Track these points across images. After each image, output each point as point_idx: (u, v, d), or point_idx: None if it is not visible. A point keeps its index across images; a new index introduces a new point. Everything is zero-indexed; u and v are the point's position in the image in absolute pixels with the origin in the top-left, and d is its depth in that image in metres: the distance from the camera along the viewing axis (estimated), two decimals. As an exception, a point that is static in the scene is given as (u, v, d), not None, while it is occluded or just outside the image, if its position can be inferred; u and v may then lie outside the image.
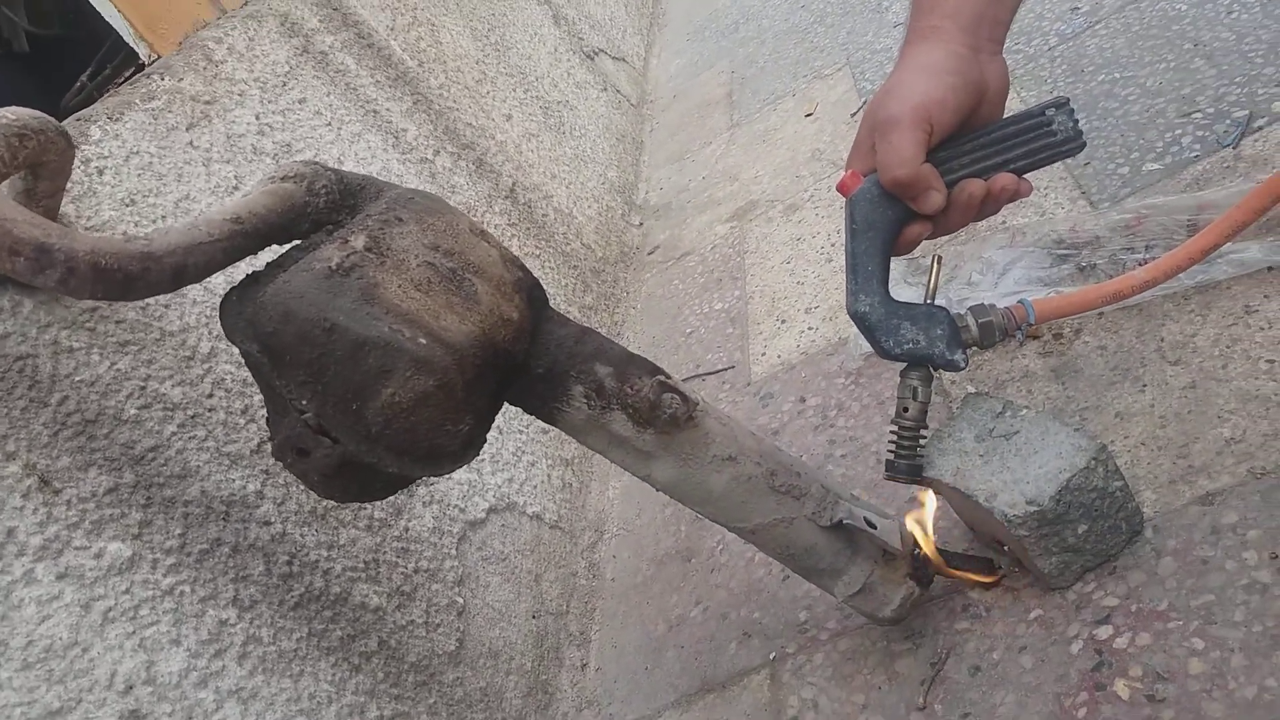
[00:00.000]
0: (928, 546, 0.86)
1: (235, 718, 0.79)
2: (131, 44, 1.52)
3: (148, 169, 0.97)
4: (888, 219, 0.79)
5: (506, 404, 0.82)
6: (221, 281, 0.93)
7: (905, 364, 0.84)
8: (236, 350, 0.92)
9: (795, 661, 0.98)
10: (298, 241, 0.75)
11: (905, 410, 0.85)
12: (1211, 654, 0.72)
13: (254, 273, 0.71)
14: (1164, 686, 0.73)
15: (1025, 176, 0.80)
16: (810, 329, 1.39)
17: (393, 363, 0.66)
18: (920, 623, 0.90)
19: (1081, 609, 0.81)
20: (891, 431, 0.87)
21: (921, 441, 0.86)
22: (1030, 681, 0.80)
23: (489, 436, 0.80)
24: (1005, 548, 0.87)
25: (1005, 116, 0.80)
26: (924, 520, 0.88)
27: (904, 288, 1.28)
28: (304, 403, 0.66)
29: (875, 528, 0.82)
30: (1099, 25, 1.52)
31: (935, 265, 0.86)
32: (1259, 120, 1.16)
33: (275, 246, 0.76)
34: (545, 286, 0.86)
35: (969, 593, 0.89)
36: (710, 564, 1.16)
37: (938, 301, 0.85)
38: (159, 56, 1.50)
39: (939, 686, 0.85)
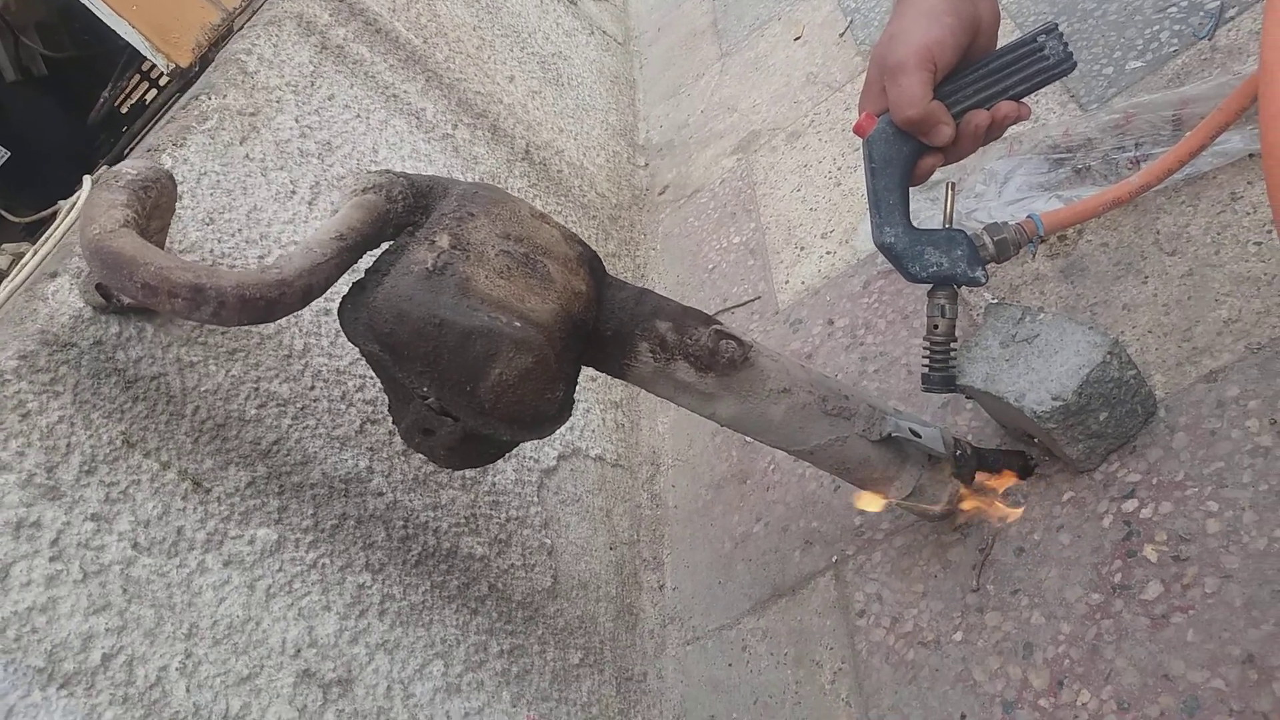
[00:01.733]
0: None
1: (385, 666, 0.90)
2: (149, 56, 1.58)
3: (217, 187, 1.06)
4: (903, 154, 0.88)
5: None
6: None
7: (932, 285, 0.93)
8: (326, 344, 1.02)
9: (856, 561, 1.09)
10: (386, 244, 0.84)
11: (935, 327, 0.94)
12: (1225, 514, 0.83)
13: (359, 280, 0.80)
14: (1186, 547, 0.84)
15: (1023, 100, 0.88)
16: (829, 253, 1.49)
17: (496, 346, 0.76)
18: (967, 515, 1.01)
19: (1109, 487, 0.92)
20: (924, 347, 0.96)
21: (952, 353, 0.96)
22: (1069, 555, 0.91)
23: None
24: (1036, 440, 0.98)
25: (1000, 46, 0.88)
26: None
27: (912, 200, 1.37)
28: (425, 389, 0.76)
29: (920, 436, 0.92)
30: (1072, -73, 1.58)
31: (949, 192, 0.94)
32: (1230, 10, 1.23)
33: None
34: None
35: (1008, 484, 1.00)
36: (765, 483, 1.28)
37: (952, 220, 0.94)
38: (176, 66, 1.57)
39: (989, 569, 0.97)
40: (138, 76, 1.94)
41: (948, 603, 0.97)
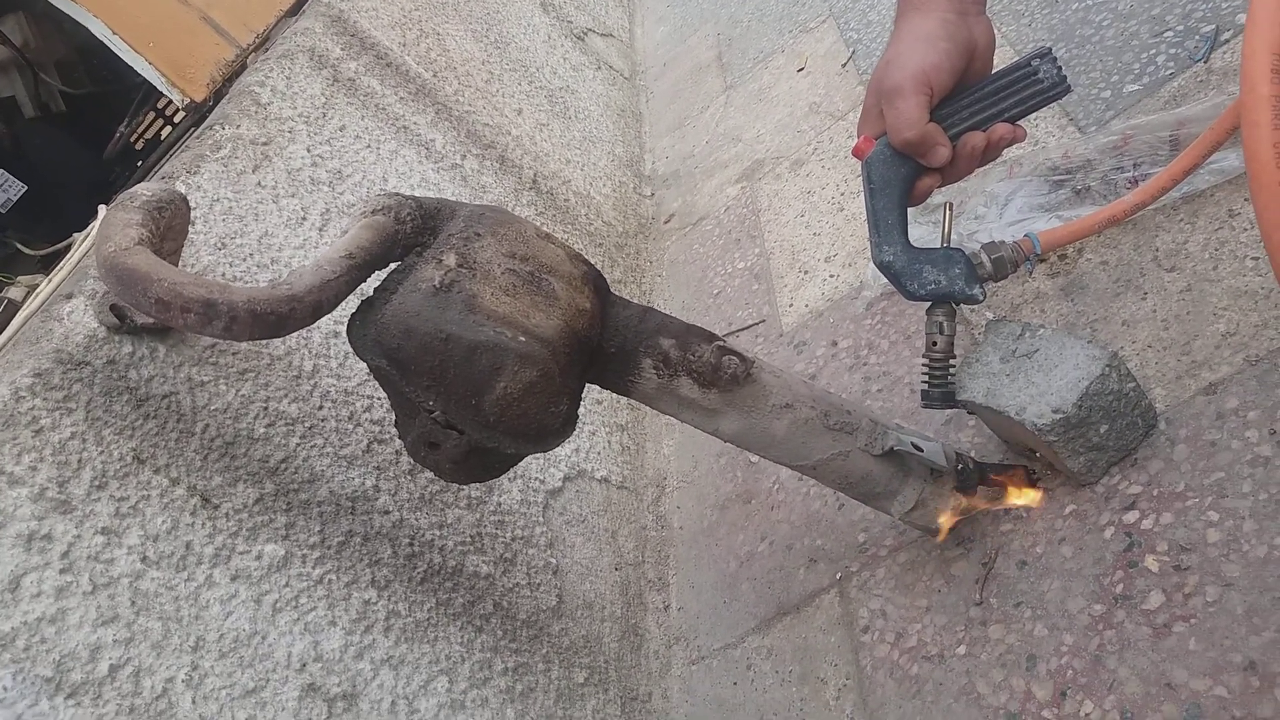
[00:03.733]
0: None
1: (390, 681, 0.91)
2: (164, 91, 1.61)
3: (229, 213, 1.08)
4: (901, 175, 0.89)
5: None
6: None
7: (930, 303, 0.94)
8: (334, 365, 1.04)
9: (860, 578, 1.10)
10: (395, 265, 0.86)
11: (934, 344, 0.95)
12: (1226, 523, 0.84)
13: (368, 298, 0.82)
14: (1187, 556, 0.84)
15: (1019, 122, 0.89)
16: (832, 276, 1.50)
17: (501, 360, 0.77)
18: (969, 529, 1.01)
19: (1110, 499, 0.92)
20: (923, 364, 0.97)
21: (951, 370, 0.97)
22: (1072, 567, 0.91)
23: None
24: (1037, 454, 0.99)
25: (996, 70, 0.90)
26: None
27: (915, 226, 1.39)
28: (431, 403, 0.78)
29: (922, 450, 0.93)
30: (1068, -44, 1.60)
31: (947, 212, 0.96)
32: (1225, 33, 1.25)
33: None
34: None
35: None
36: (769, 502, 1.28)
37: (951, 240, 0.95)
38: (191, 100, 1.60)
39: (992, 582, 0.97)
40: (153, 114, 1.98)
41: (951, 617, 0.97)
